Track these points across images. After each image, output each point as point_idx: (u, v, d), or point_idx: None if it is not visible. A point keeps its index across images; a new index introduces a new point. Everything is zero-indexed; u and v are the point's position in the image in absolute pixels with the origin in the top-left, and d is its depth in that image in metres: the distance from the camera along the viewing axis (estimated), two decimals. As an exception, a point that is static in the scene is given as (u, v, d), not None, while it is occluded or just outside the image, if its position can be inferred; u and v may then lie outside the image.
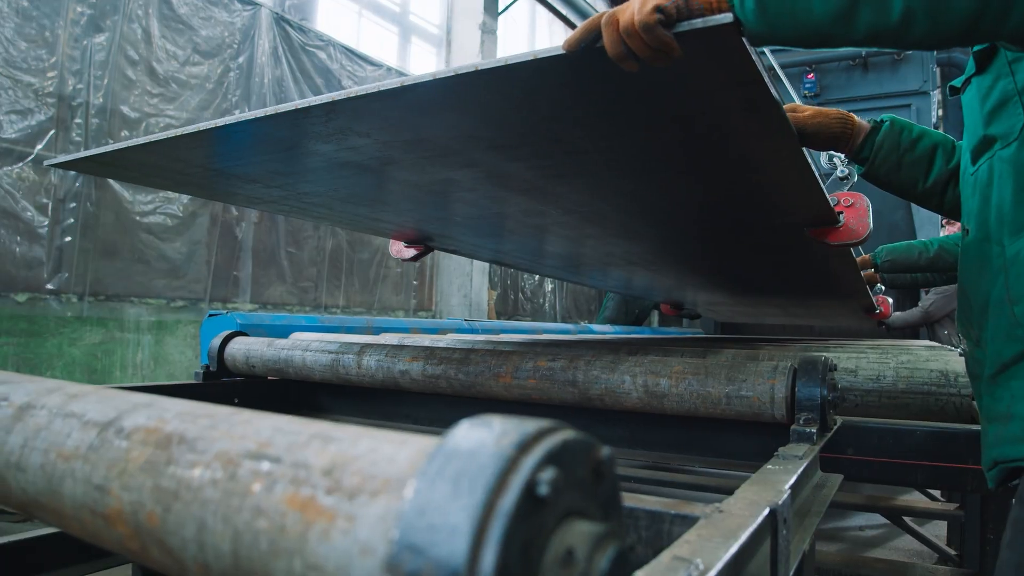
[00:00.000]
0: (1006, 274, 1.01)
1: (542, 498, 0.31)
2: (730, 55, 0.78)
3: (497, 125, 1.09)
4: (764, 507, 0.78)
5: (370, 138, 1.17)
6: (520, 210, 1.69)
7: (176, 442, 0.41)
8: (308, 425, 0.40)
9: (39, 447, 0.48)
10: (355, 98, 0.94)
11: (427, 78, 0.87)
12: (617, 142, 1.15)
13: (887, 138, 1.42)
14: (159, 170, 1.55)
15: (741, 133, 1.07)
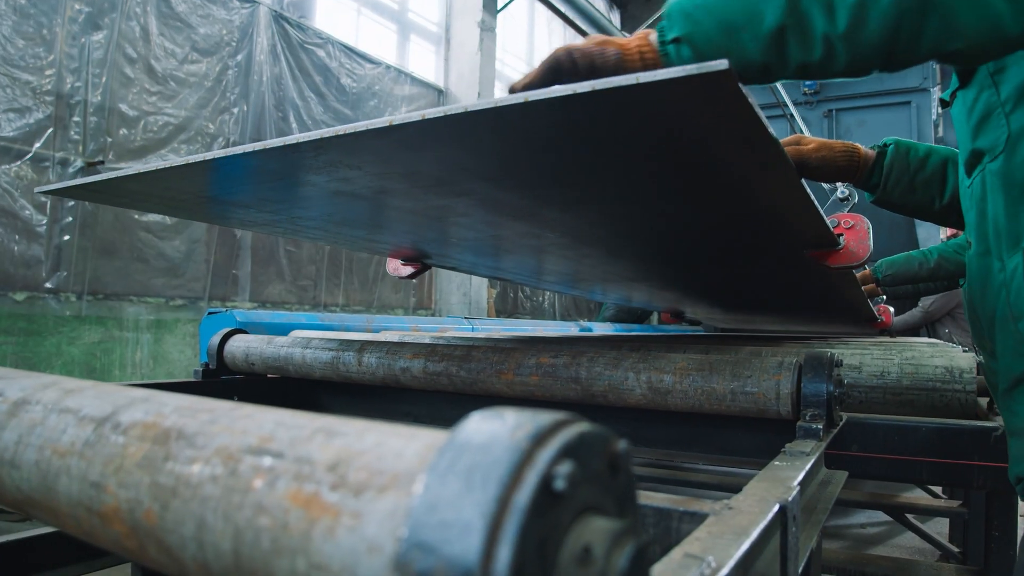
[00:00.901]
0: (1007, 290, 1.00)
1: (559, 493, 0.30)
2: (700, 97, 0.79)
3: (489, 158, 1.11)
4: (774, 504, 0.77)
5: (362, 170, 1.19)
6: (516, 233, 1.70)
7: (175, 437, 0.40)
8: (312, 419, 0.38)
9: (34, 443, 0.47)
10: (344, 136, 0.95)
11: (415, 118, 0.87)
12: (609, 172, 1.15)
13: (895, 161, 1.42)
14: (150, 197, 1.58)
15: (735, 165, 1.07)
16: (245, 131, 5.91)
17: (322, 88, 6.71)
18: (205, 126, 5.57)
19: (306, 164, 1.18)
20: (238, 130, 5.84)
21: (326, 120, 6.74)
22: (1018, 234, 0.97)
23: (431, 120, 0.88)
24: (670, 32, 0.85)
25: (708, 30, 0.83)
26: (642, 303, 4.27)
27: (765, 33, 0.81)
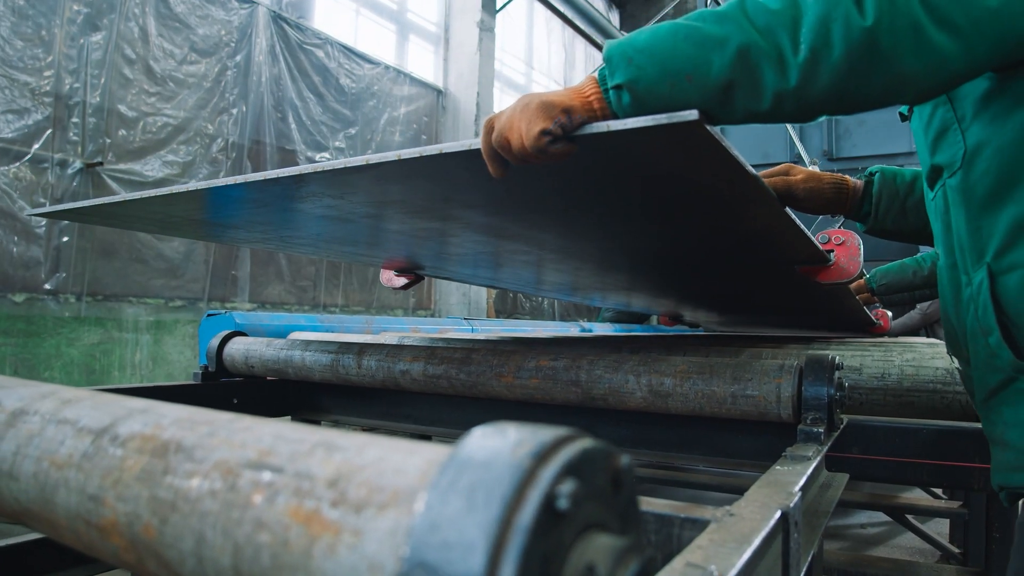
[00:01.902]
0: (975, 305, 0.99)
1: (562, 512, 0.29)
2: (651, 144, 0.80)
3: (470, 191, 1.12)
4: (775, 510, 0.77)
5: (344, 200, 1.22)
6: (509, 250, 1.72)
7: (173, 450, 0.40)
8: (312, 433, 0.38)
9: (32, 455, 0.47)
10: (321, 172, 0.97)
11: (391, 158, 0.90)
12: (593, 199, 1.16)
13: (883, 188, 1.42)
14: (140, 219, 1.65)
15: (717, 195, 1.08)
16: (244, 132, 5.90)
17: (321, 88, 6.71)
18: (204, 127, 5.57)
19: (289, 194, 1.21)
20: (237, 131, 5.84)
21: (325, 120, 6.73)
22: (981, 249, 0.97)
23: (407, 160, 0.89)
24: (611, 78, 0.82)
25: (650, 77, 0.80)
26: (641, 308, 4.29)
27: (712, 85, 0.80)
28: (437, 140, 8.46)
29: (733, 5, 0.81)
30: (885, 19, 0.76)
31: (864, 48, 0.77)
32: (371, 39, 7.69)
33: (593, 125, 0.77)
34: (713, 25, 0.80)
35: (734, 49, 0.78)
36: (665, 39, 0.81)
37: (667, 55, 0.80)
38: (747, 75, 0.79)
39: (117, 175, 4.92)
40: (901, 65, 0.78)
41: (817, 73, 0.78)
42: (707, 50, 0.79)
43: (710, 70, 0.79)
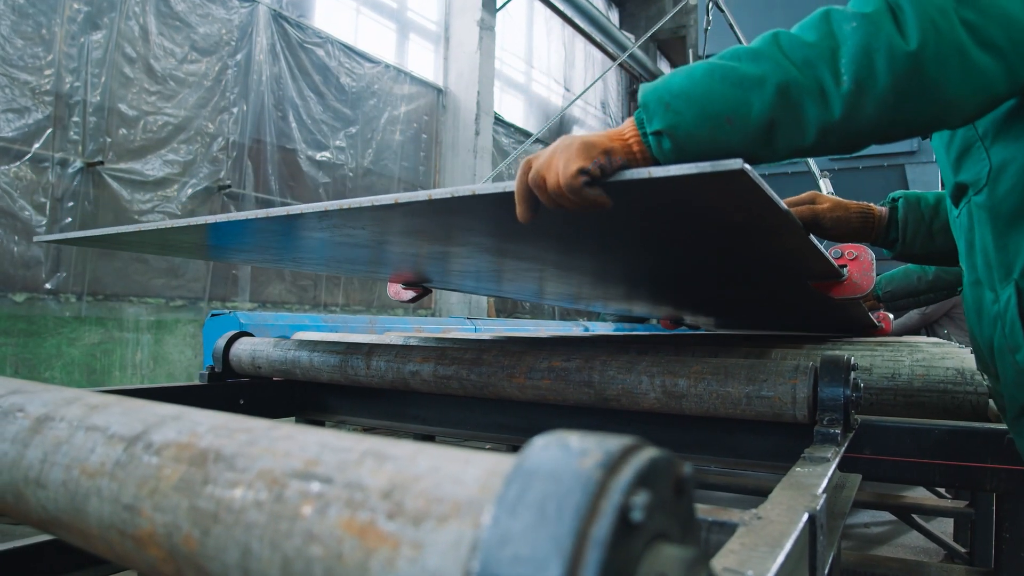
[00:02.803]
0: (1002, 322, 0.99)
1: (635, 524, 0.28)
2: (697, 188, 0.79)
3: (486, 222, 1.13)
4: (802, 512, 0.76)
5: (365, 230, 1.23)
6: (516, 268, 1.74)
7: (212, 459, 0.38)
8: (357, 441, 0.37)
9: (60, 462, 0.45)
10: (347, 210, 0.97)
11: (422, 197, 0.90)
12: (614, 229, 1.16)
13: (908, 213, 1.42)
14: (148, 244, 1.70)
15: (743, 226, 1.07)
16: (245, 131, 5.89)
17: (321, 87, 6.69)
18: (205, 126, 5.55)
19: (309, 226, 1.22)
20: (237, 130, 5.82)
21: (326, 119, 6.72)
22: (1009, 265, 0.96)
23: (437, 201, 0.89)
24: (650, 124, 0.80)
25: (689, 123, 0.78)
26: (642, 313, 4.31)
27: (753, 126, 0.78)
28: (437, 139, 8.44)
29: (767, 41, 0.80)
30: (931, 44, 0.75)
31: (910, 75, 0.75)
32: (371, 38, 7.67)
33: (634, 172, 0.75)
34: (749, 64, 0.78)
35: (773, 88, 0.76)
36: (701, 81, 0.79)
37: (704, 98, 0.78)
38: (789, 113, 0.77)
39: (118, 174, 4.91)
40: (947, 90, 0.77)
41: (863, 104, 0.76)
42: (745, 90, 0.77)
43: (750, 111, 0.77)
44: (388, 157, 7.57)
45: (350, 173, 7.04)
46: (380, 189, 7.50)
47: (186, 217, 5.33)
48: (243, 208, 5.90)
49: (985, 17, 0.77)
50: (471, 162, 8.24)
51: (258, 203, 6.06)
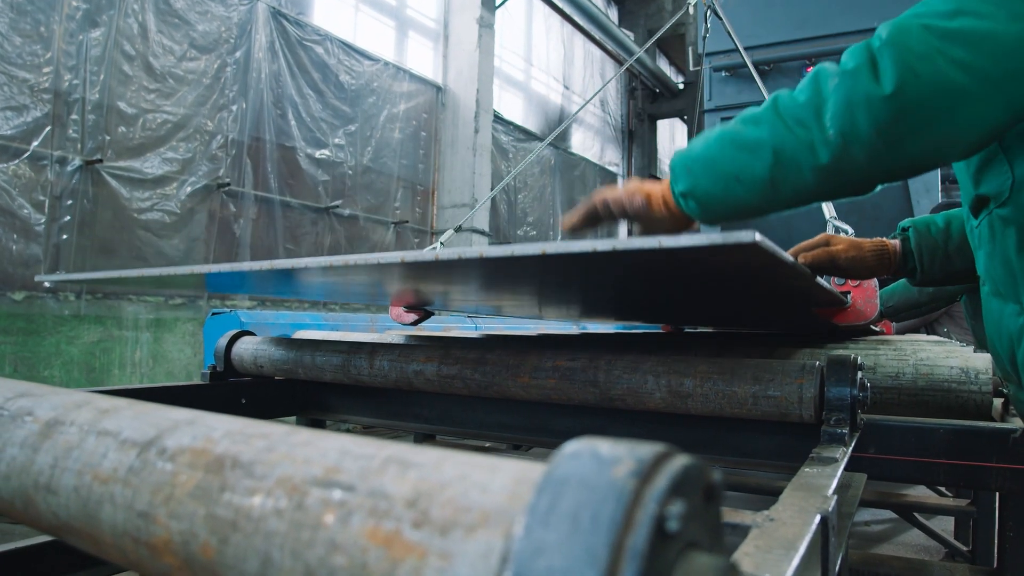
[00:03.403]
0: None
1: (670, 533, 0.28)
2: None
3: (490, 277, 1.17)
4: (814, 514, 0.76)
5: (370, 276, 1.27)
6: (514, 302, 1.76)
7: (230, 466, 0.38)
8: (379, 447, 0.36)
9: (72, 468, 0.45)
10: (352, 266, 0.97)
11: (429, 258, 0.89)
12: (624, 277, 1.17)
13: (920, 241, 1.44)
14: (149, 283, 1.68)
15: (752, 275, 1.08)
16: (244, 128, 5.87)
17: (320, 85, 6.67)
18: (204, 124, 5.53)
19: (310, 275, 1.25)
20: (237, 128, 5.81)
21: (325, 117, 6.70)
22: None
23: (443, 262, 0.89)
24: (676, 185, 0.93)
25: (706, 184, 0.90)
26: (644, 325, 4.35)
27: (759, 183, 0.87)
28: (437, 137, 8.43)
29: (768, 105, 0.88)
30: (910, 89, 0.78)
31: (893, 121, 0.79)
32: (370, 35, 7.66)
33: (646, 241, 0.78)
34: (751, 128, 0.87)
35: (769, 150, 0.85)
36: (714, 146, 0.90)
37: (716, 161, 0.89)
38: (785, 169, 0.85)
39: (117, 172, 4.89)
40: (938, 129, 0.80)
41: (852, 153, 0.82)
42: (748, 152, 0.86)
43: (754, 171, 0.86)
44: (387, 155, 7.56)
45: (349, 171, 7.02)
46: (379, 187, 7.48)
47: (185, 216, 5.32)
48: (242, 205, 5.89)
49: (976, 52, 0.79)
50: (470, 160, 8.23)
51: (257, 201, 6.05)
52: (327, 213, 6.75)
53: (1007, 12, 0.79)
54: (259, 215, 6.08)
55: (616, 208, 1.00)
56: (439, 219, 8.38)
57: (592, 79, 12.45)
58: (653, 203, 0.95)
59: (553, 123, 11.21)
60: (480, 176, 8.32)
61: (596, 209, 1.01)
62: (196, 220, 5.47)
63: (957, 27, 0.79)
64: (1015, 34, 0.79)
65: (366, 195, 7.28)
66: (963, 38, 0.79)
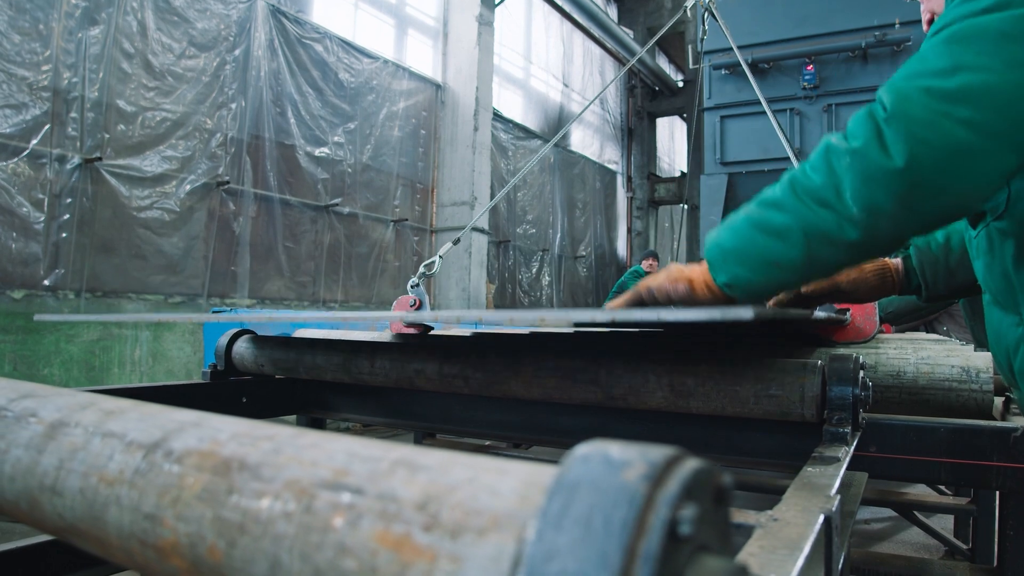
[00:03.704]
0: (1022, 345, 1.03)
1: (682, 537, 0.28)
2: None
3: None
4: (818, 514, 0.76)
5: None
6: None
7: (236, 468, 0.38)
8: (386, 450, 0.36)
9: (77, 469, 0.45)
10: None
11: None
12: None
13: (921, 258, 1.45)
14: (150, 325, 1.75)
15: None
16: (243, 126, 5.86)
17: (320, 83, 6.66)
18: (203, 121, 5.53)
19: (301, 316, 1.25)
20: (236, 126, 5.80)
21: (324, 115, 6.69)
22: None
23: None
24: (717, 277, 0.97)
25: (746, 274, 0.94)
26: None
27: (799, 264, 0.91)
28: (436, 135, 8.42)
29: (786, 190, 0.91)
30: (922, 158, 0.80)
31: (911, 190, 0.81)
32: (370, 33, 7.65)
33: (646, 313, 0.88)
34: (776, 213, 0.90)
35: (800, 234, 0.88)
36: (744, 236, 0.93)
37: (750, 252, 0.93)
38: (820, 247, 0.88)
39: (116, 170, 4.89)
40: (957, 187, 0.81)
41: (877, 225, 0.84)
42: (779, 239, 0.90)
43: (790, 254, 0.90)
44: (387, 153, 7.55)
45: (349, 169, 7.02)
46: (379, 185, 7.48)
47: (184, 214, 5.31)
48: (242, 204, 5.89)
49: (979, 109, 0.80)
50: (470, 158, 8.23)
51: (257, 199, 6.04)
52: (326, 211, 6.75)
53: (1003, 61, 0.81)
54: (258, 213, 6.08)
55: (661, 295, 1.03)
56: (439, 217, 8.38)
57: (591, 77, 12.44)
58: (696, 289, 0.99)
59: (552, 121, 11.21)
60: (480, 174, 8.31)
61: (641, 297, 1.05)
62: (195, 218, 5.47)
63: (957, 86, 0.80)
64: (1014, 83, 0.80)
65: (365, 193, 7.27)
66: (964, 96, 0.80)
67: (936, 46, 0.85)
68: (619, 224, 13.48)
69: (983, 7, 0.83)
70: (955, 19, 0.85)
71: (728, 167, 7.78)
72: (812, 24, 7.42)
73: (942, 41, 0.85)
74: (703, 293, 0.99)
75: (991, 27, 0.82)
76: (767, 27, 7.60)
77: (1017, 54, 0.80)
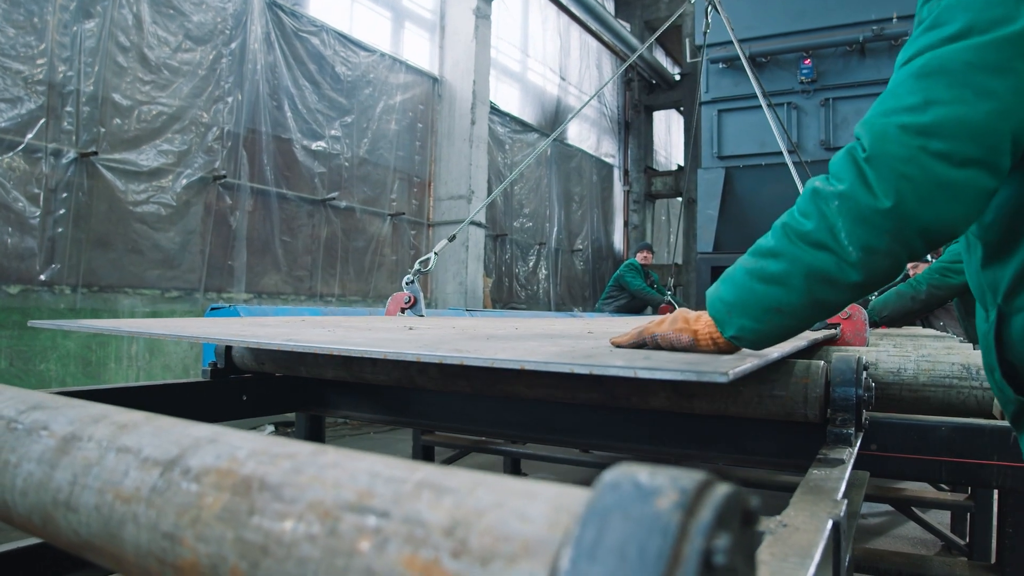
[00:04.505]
0: (987, 341, 1.05)
1: (717, 567, 0.27)
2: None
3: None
4: (826, 520, 0.76)
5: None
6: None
7: (257, 488, 0.37)
8: (410, 471, 0.36)
9: (92, 486, 0.44)
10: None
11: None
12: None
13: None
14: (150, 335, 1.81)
15: None
16: (240, 120, 5.84)
17: (316, 76, 6.64)
18: (199, 115, 5.50)
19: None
20: (232, 119, 5.77)
21: (321, 109, 6.67)
22: (995, 290, 1.02)
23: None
24: (724, 331, 0.97)
25: (751, 324, 0.95)
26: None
27: (802, 307, 0.92)
28: (433, 128, 8.40)
29: (780, 237, 0.92)
30: (907, 194, 0.82)
31: (901, 226, 0.83)
32: (367, 26, 7.61)
33: (622, 369, 0.84)
34: (771, 262, 0.92)
35: (800, 278, 0.89)
36: (743, 287, 0.95)
37: (751, 302, 0.94)
38: (822, 288, 0.89)
39: (112, 164, 4.86)
40: (944, 216, 0.83)
41: (876, 263, 0.86)
42: (779, 286, 0.91)
43: (792, 299, 0.91)
44: (384, 147, 7.53)
45: (346, 163, 7.00)
46: (376, 179, 7.46)
47: (181, 208, 5.29)
48: (239, 198, 5.86)
49: (954, 140, 0.82)
50: (467, 151, 8.21)
51: (253, 193, 6.02)
52: (323, 205, 6.73)
53: (972, 91, 0.82)
54: (255, 207, 6.06)
55: (664, 344, 1.03)
56: (435, 211, 8.36)
57: (588, 70, 12.41)
58: (700, 342, 0.99)
59: (549, 114, 11.18)
60: (477, 168, 8.30)
61: (645, 342, 1.06)
62: (192, 212, 5.45)
63: (931, 120, 0.82)
64: (986, 111, 0.82)
65: (362, 187, 7.25)
66: (939, 129, 0.82)
67: (906, 80, 0.87)
68: (616, 218, 13.48)
69: (947, 35, 0.85)
70: (921, 49, 0.87)
71: (725, 161, 7.78)
72: (810, 18, 7.41)
73: (912, 75, 0.87)
74: (707, 346, 1.00)
75: (957, 58, 0.84)
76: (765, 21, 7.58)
77: (985, 82, 0.82)
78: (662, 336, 1.04)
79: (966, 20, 0.85)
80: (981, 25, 0.84)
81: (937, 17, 0.88)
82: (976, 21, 0.84)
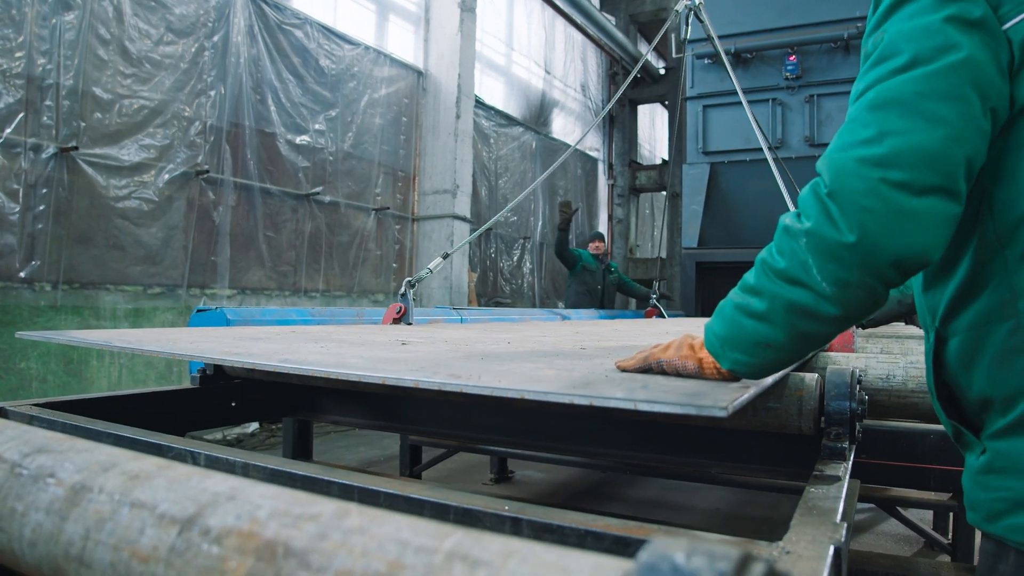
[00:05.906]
0: (927, 363, 1.08)
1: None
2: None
3: None
4: (828, 546, 0.77)
5: None
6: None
7: (282, 554, 0.37)
8: (438, 538, 0.35)
9: (106, 542, 0.43)
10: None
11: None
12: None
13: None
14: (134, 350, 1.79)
15: None
16: (223, 114, 5.77)
17: (300, 70, 6.57)
18: (182, 109, 5.43)
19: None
20: (215, 113, 5.70)
21: (305, 102, 6.61)
22: (933, 313, 1.05)
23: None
24: (722, 363, 0.99)
25: (744, 358, 0.96)
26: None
27: (789, 340, 0.93)
28: (418, 122, 8.35)
29: (759, 274, 0.94)
30: (870, 227, 0.83)
31: (869, 257, 0.84)
32: (351, 19, 7.55)
33: (622, 402, 0.86)
34: (754, 299, 0.94)
35: (782, 314, 0.91)
36: (730, 323, 0.97)
37: (740, 337, 0.96)
38: (804, 321, 0.91)
39: (93, 159, 4.79)
40: (913, 243, 0.84)
41: (853, 294, 0.87)
42: (763, 322, 0.93)
43: (778, 335, 0.93)
44: (368, 141, 7.48)
45: (330, 157, 6.95)
46: (360, 173, 7.41)
47: (163, 203, 5.22)
48: (222, 193, 5.80)
49: (912, 169, 0.83)
50: (452, 145, 8.17)
51: (237, 188, 5.96)
52: (307, 200, 6.68)
53: (925, 119, 0.84)
54: (239, 202, 6.00)
55: (670, 370, 1.05)
56: (420, 205, 8.33)
57: (573, 64, 12.39)
58: (705, 370, 1.01)
59: (535, 108, 11.16)
60: (462, 162, 8.27)
61: (651, 368, 1.08)
62: (175, 208, 5.39)
63: (887, 151, 0.83)
64: (940, 139, 0.83)
65: (347, 181, 7.20)
66: (895, 160, 0.83)
67: (860, 114, 0.88)
68: (600, 211, 13.49)
69: (895, 67, 0.87)
70: (872, 83, 0.89)
71: (710, 156, 7.80)
72: (795, 15, 7.44)
73: (865, 108, 0.88)
74: (712, 374, 1.01)
75: (907, 88, 0.85)
76: (751, 17, 7.60)
77: (936, 110, 0.84)
78: (668, 363, 1.05)
79: (912, 51, 0.87)
80: (927, 54, 0.86)
81: (883, 50, 0.90)
82: (921, 51, 0.86)
